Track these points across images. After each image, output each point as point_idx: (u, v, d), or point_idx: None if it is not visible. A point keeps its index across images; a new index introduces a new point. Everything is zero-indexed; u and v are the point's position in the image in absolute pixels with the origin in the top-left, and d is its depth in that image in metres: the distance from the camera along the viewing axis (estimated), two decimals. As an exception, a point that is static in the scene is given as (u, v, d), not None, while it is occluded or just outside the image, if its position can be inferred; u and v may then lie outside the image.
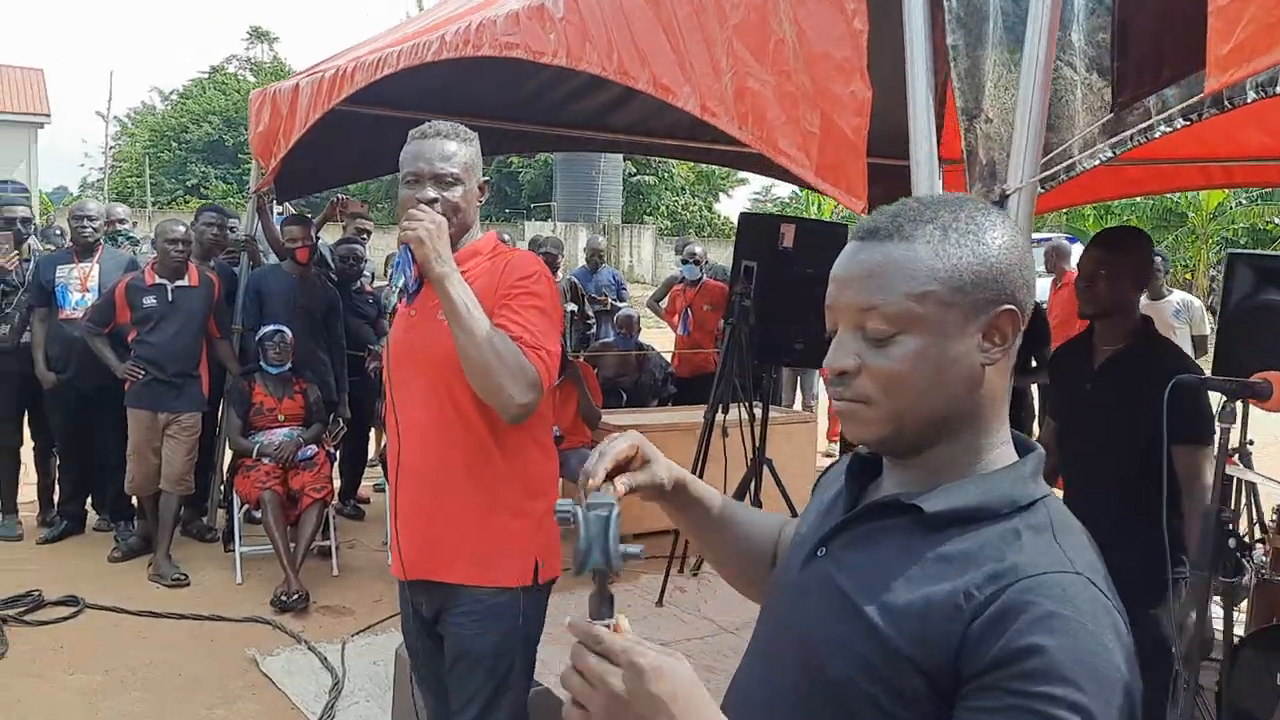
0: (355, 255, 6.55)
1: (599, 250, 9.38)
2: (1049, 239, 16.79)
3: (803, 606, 1.19)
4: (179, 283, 5.48)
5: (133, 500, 5.82)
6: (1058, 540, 1.08)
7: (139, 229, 10.34)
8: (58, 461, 6.14)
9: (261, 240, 6.39)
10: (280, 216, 7.07)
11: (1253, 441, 4.71)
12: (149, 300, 5.41)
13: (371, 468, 7.43)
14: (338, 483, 6.23)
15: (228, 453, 5.91)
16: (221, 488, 6.21)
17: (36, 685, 4.11)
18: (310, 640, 4.60)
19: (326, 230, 6.89)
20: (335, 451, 5.85)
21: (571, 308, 8.09)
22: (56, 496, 6.17)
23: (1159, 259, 7.30)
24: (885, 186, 6.86)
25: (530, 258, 2.40)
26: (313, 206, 12.29)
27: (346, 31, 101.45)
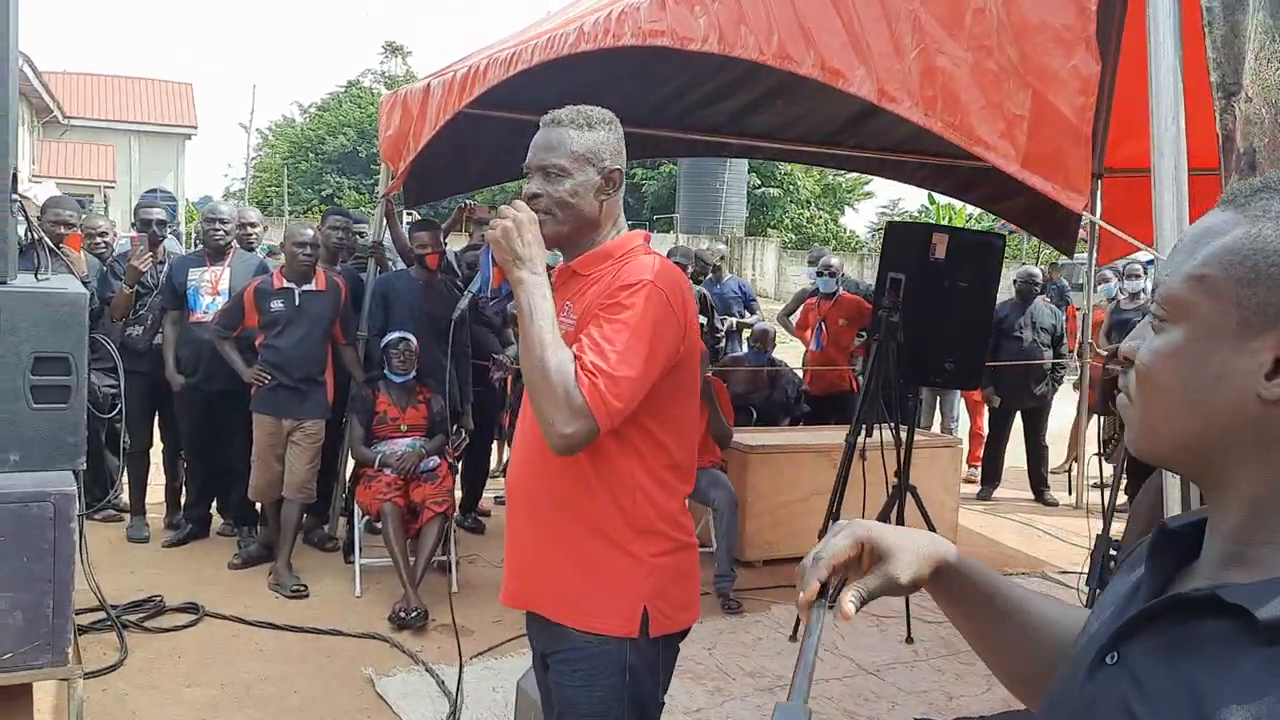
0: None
1: (706, 260, 8.33)
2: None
3: None
4: (306, 287, 5.39)
5: (256, 506, 5.76)
6: None
7: (269, 234, 10.42)
8: (185, 464, 6.14)
9: (388, 246, 6.29)
10: (407, 224, 6.99)
11: None
12: (276, 304, 5.34)
13: (493, 479, 7.27)
14: (458, 495, 6.07)
15: (350, 461, 5.81)
16: (344, 496, 6.11)
17: (152, 697, 4.01)
18: (428, 661, 4.41)
19: (452, 237, 6.77)
20: (457, 463, 5.67)
21: (701, 320, 7.79)
22: (183, 499, 6.17)
23: None
24: (1030, 198, 6.41)
25: (644, 266, 2.01)
26: (438, 216, 12.32)
27: (477, 43, 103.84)
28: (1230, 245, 0.83)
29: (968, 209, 28.37)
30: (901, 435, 5.34)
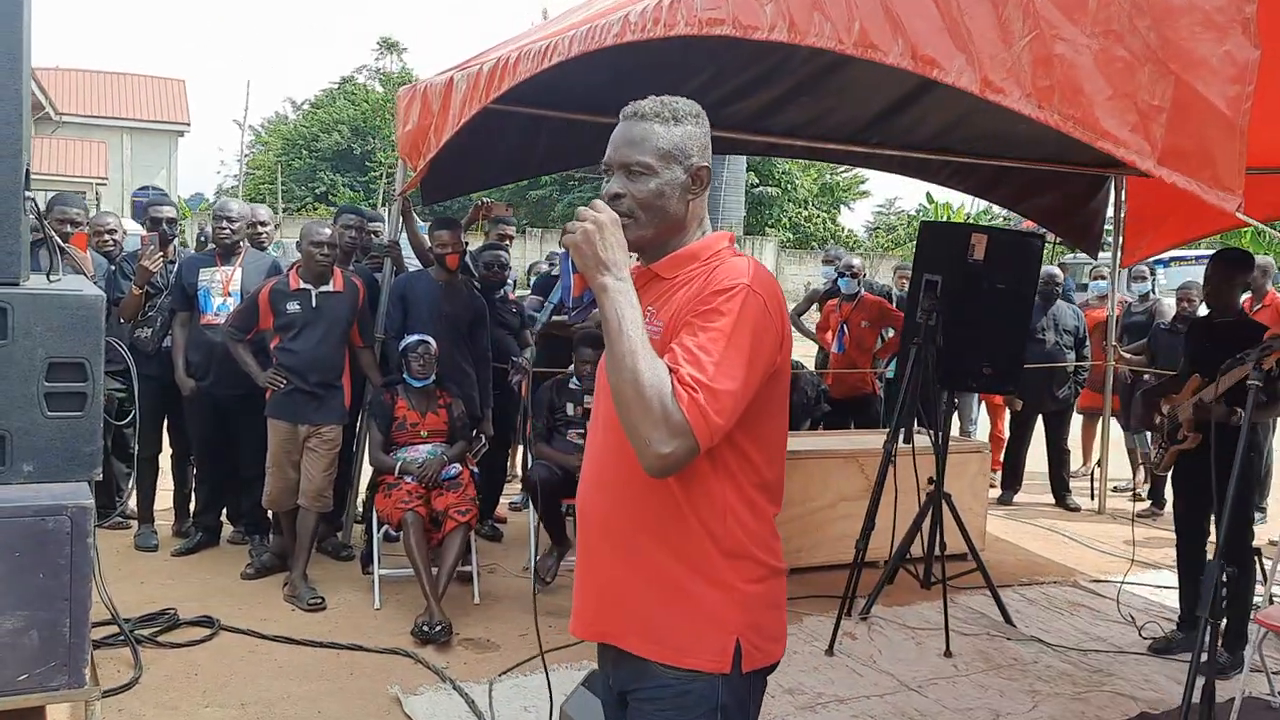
0: (500, 262, 6.22)
1: None
2: (1206, 255, 15.77)
3: None
4: (323, 288, 5.21)
5: (269, 514, 5.58)
6: None
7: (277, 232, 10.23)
8: (194, 471, 5.95)
9: (404, 245, 6.11)
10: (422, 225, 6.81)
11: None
12: (292, 306, 5.15)
13: (509, 482, 7.12)
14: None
15: (365, 467, 5.63)
16: (360, 504, 5.93)
17: (171, 718, 3.83)
18: (455, 678, 4.24)
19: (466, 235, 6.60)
20: (477, 470, 5.50)
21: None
22: (192, 506, 5.98)
23: None
24: (1056, 195, 6.29)
25: (739, 269, 1.84)
26: (446, 213, 12.12)
27: (472, 41, 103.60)
28: None
29: (966, 207, 28.33)
30: (937, 441, 5.21)
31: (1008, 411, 8.27)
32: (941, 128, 6.60)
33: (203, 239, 5.41)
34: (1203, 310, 5.83)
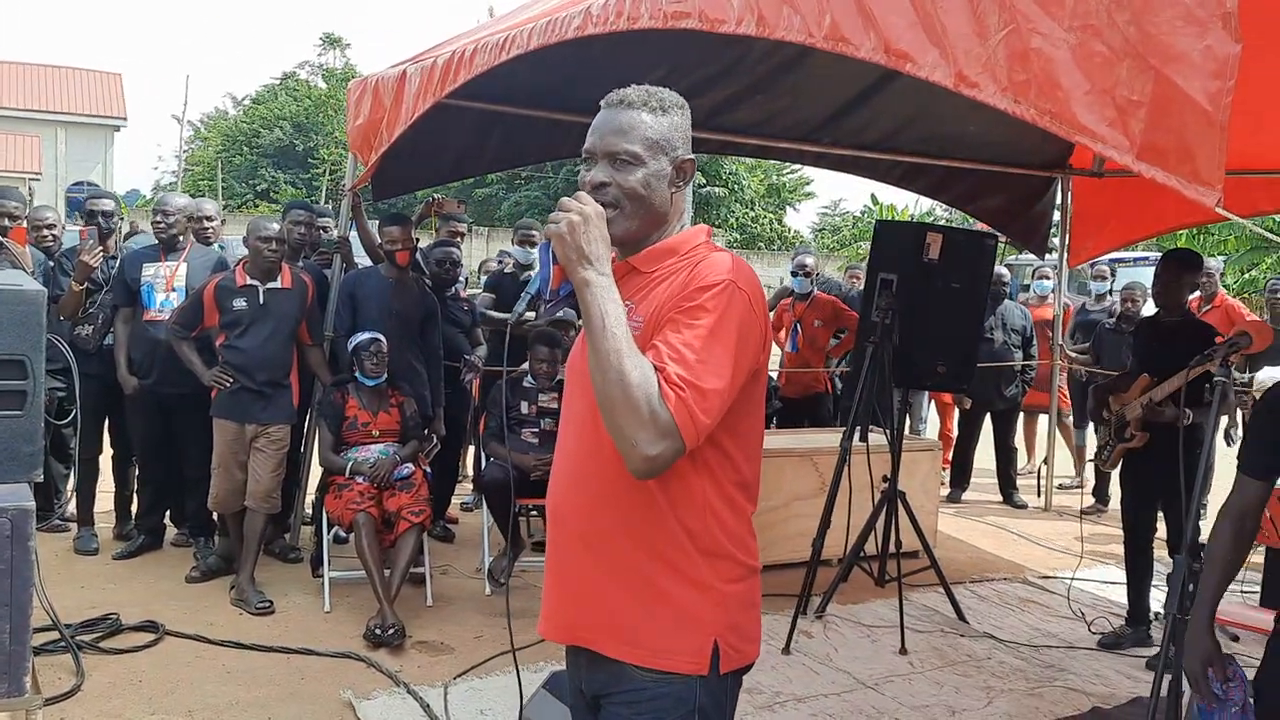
0: (452, 260, 6.13)
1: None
2: (1145, 257, 16.04)
3: None
4: (271, 284, 5.08)
5: (214, 515, 5.44)
6: None
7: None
8: (137, 472, 5.79)
9: (355, 242, 6.00)
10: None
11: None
12: (239, 303, 5.03)
13: (461, 482, 7.03)
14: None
15: (315, 467, 5.52)
16: (309, 505, 5.81)
17: (114, 727, 3.71)
18: (409, 681, 4.15)
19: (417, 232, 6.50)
20: (430, 470, 5.41)
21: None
22: (134, 509, 5.82)
23: None
24: (1004, 196, 6.35)
25: (723, 264, 1.81)
26: (396, 209, 11.96)
27: (417, 37, 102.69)
28: None
29: (910, 209, 28.63)
30: (892, 439, 5.23)
31: (956, 410, 8.36)
32: (893, 128, 6.64)
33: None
34: (1149, 310, 5.92)
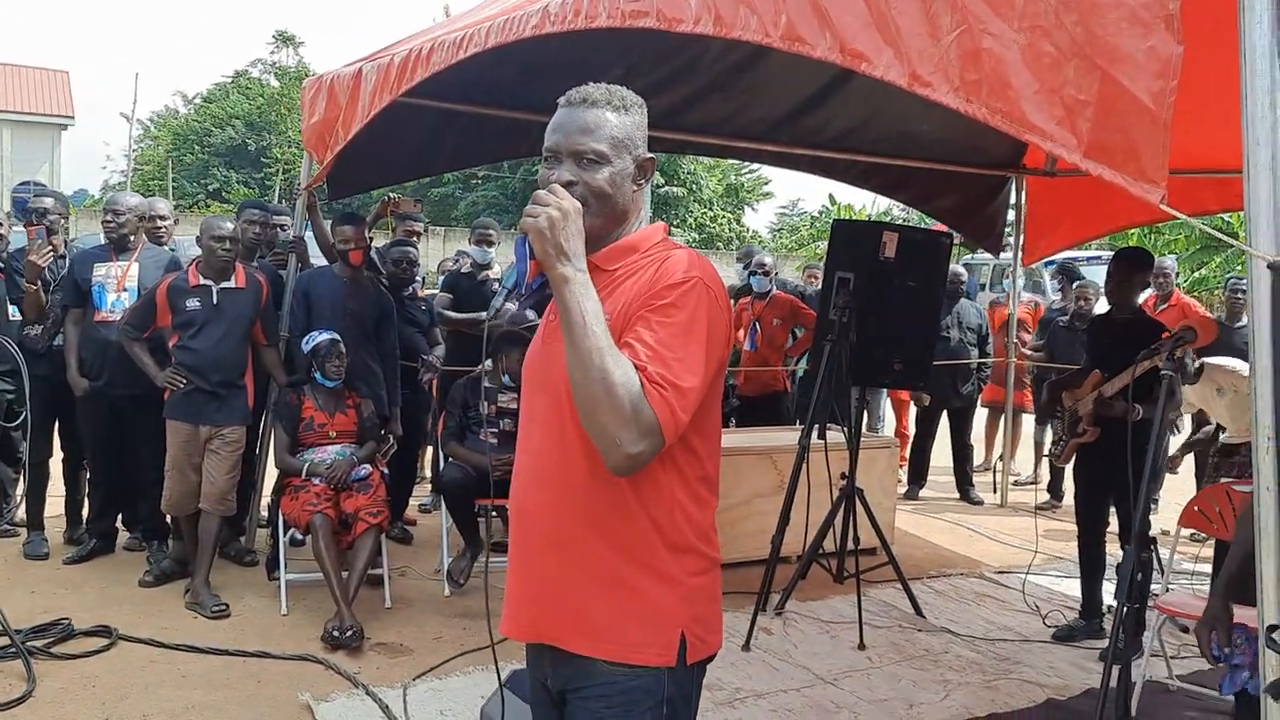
0: (409, 259, 6.10)
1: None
2: (1098, 256, 16.29)
3: None
4: (225, 284, 5.03)
5: (167, 519, 5.37)
6: None
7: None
8: (88, 475, 5.70)
9: (311, 242, 5.95)
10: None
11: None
12: (192, 303, 4.97)
13: (419, 484, 7.00)
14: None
15: (270, 469, 5.47)
16: (266, 507, 5.75)
17: (66, 733, 3.66)
18: (368, 684, 4.13)
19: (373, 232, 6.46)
20: (387, 471, 5.38)
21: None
22: (85, 512, 5.73)
23: None
24: (959, 196, 6.41)
25: (691, 261, 1.84)
26: (351, 208, 11.86)
27: (373, 35, 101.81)
28: None
29: (867, 209, 28.87)
30: (850, 437, 5.27)
31: (912, 407, 8.44)
32: (849, 128, 6.70)
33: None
34: (1102, 307, 6.02)
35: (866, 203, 28.98)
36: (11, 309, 5.37)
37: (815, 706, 4.20)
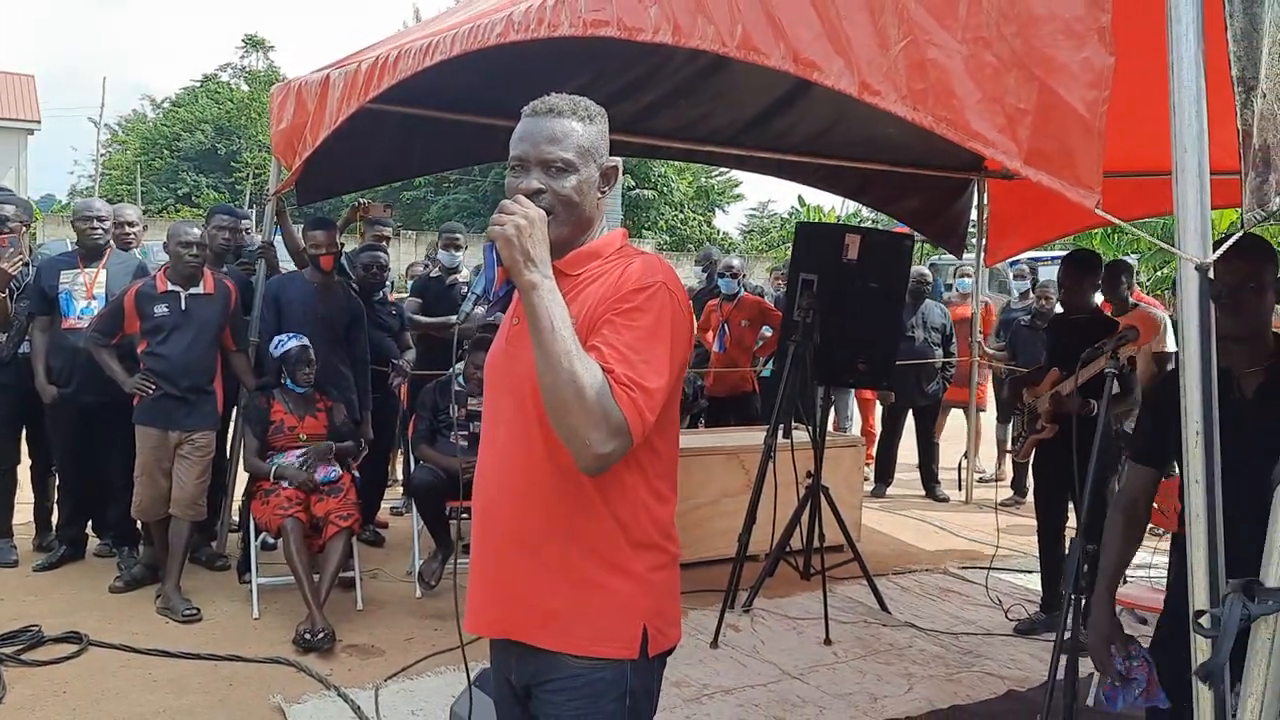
0: (379, 264, 6.13)
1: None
2: (1056, 257, 16.49)
3: None
4: (193, 290, 5.05)
5: (137, 524, 5.37)
6: None
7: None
8: (57, 482, 5.69)
9: (279, 246, 5.96)
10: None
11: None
12: (160, 309, 4.98)
13: (390, 487, 7.02)
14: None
15: (240, 473, 5.48)
16: (237, 511, 5.76)
17: (37, 739, 3.67)
18: (339, 685, 4.16)
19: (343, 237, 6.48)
20: (358, 475, 5.41)
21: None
22: (54, 519, 5.72)
23: None
24: (923, 198, 6.49)
25: (654, 265, 1.91)
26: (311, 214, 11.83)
27: (342, 40, 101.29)
28: None
29: (837, 210, 29.09)
30: (815, 436, 5.35)
31: (878, 406, 8.55)
32: (814, 132, 6.78)
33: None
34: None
35: (836, 204, 29.21)
36: None
37: (781, 701, 4.27)
